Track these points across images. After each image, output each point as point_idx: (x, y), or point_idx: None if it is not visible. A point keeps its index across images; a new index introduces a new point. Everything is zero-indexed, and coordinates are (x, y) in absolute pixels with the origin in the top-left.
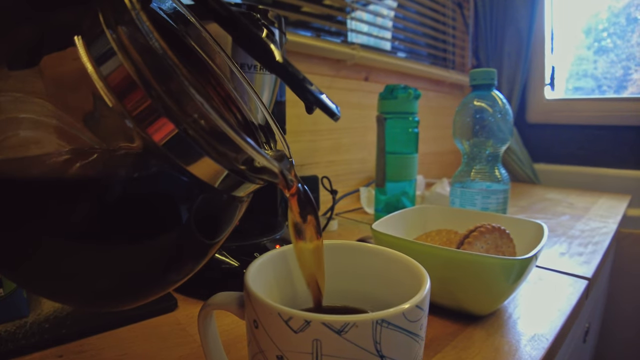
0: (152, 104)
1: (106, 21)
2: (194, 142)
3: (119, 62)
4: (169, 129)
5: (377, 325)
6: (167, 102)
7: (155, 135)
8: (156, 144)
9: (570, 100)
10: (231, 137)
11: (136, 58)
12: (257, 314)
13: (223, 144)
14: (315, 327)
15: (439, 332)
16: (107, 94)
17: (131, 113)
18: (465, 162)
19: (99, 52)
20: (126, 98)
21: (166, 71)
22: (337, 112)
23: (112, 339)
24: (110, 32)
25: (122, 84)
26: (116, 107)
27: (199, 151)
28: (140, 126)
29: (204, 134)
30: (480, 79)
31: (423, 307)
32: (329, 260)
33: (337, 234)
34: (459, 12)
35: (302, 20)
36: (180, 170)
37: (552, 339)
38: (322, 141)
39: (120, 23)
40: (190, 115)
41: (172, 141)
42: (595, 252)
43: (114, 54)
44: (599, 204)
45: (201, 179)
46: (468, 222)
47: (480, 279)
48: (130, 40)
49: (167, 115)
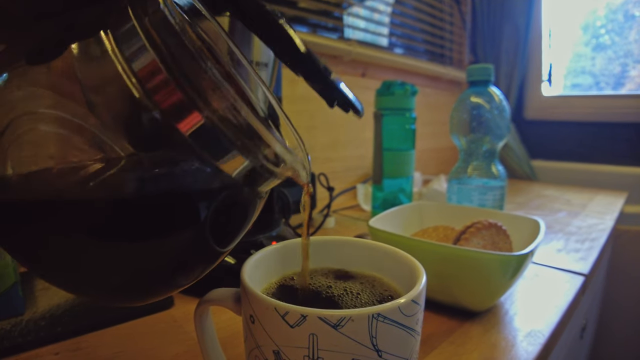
0: (183, 97)
1: (135, 15)
2: (223, 135)
3: (151, 57)
4: (197, 120)
5: (373, 320)
6: (197, 95)
7: (183, 127)
8: (185, 137)
9: (567, 97)
10: (261, 133)
11: (167, 53)
12: (254, 309)
13: (253, 139)
14: (312, 321)
15: (436, 328)
16: (136, 86)
17: (161, 105)
18: (462, 158)
19: (130, 48)
20: (157, 93)
21: (199, 66)
22: (361, 109)
23: (108, 337)
24: (140, 26)
25: (153, 79)
26: (144, 99)
27: (228, 146)
28: (170, 119)
29: (233, 128)
30: (477, 75)
31: (419, 301)
32: (326, 254)
33: (335, 231)
34: (457, 8)
35: (298, 16)
36: (209, 164)
37: (549, 335)
38: (319, 137)
39: (150, 17)
40: (220, 109)
41: (200, 133)
42: (592, 248)
43: (145, 49)
44: (596, 200)
45: (228, 173)
46: (465, 218)
47: (477, 274)
48: (161, 34)
49: (197, 108)
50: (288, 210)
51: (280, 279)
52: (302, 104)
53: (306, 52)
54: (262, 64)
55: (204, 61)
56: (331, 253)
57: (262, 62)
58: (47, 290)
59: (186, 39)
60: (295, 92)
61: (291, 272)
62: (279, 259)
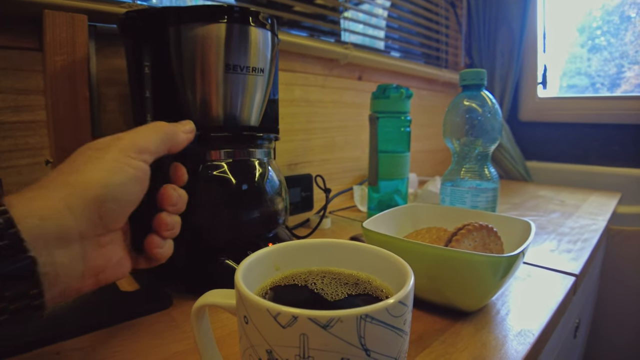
0: None
1: None
2: None
3: None
4: None
5: (362, 320)
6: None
7: None
8: None
9: (562, 98)
10: None
11: None
12: (247, 310)
13: None
14: (302, 322)
15: (428, 328)
16: None
17: None
18: (455, 161)
19: None
20: None
21: None
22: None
23: (108, 337)
24: None
25: None
26: None
27: None
28: None
29: None
30: (470, 79)
31: (406, 302)
32: (321, 256)
33: (331, 231)
34: (452, 11)
35: (295, 19)
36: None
37: (538, 334)
38: (315, 140)
39: None
40: None
41: None
42: (583, 249)
43: None
44: (589, 201)
45: None
46: (457, 220)
47: (468, 276)
48: None
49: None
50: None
51: (275, 280)
52: (299, 106)
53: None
54: (258, 69)
55: None
56: (324, 254)
57: (258, 67)
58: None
59: None
60: (292, 95)
61: (286, 273)
62: (274, 260)
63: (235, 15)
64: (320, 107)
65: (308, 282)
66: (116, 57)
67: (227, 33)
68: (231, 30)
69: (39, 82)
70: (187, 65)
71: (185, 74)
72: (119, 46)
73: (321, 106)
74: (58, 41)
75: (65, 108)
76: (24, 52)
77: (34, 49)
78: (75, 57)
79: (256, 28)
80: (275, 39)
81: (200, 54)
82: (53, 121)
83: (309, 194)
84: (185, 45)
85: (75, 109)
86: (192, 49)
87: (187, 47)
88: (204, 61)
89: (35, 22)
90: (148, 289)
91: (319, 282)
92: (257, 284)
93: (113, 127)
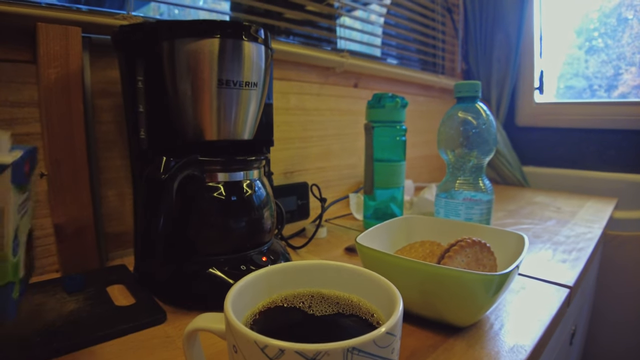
0: None
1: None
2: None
3: None
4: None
5: (348, 353)
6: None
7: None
8: None
9: (558, 104)
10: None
11: None
12: (236, 340)
13: None
14: (289, 355)
15: (421, 344)
16: None
17: None
18: (449, 172)
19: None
20: None
21: None
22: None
23: (103, 352)
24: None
25: None
26: None
27: None
28: None
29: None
30: (465, 91)
31: (394, 332)
32: (313, 278)
33: (327, 241)
34: (449, 17)
35: (291, 28)
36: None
37: (531, 350)
38: (311, 148)
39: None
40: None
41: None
42: (578, 259)
43: None
44: (585, 207)
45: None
46: (452, 232)
47: (460, 293)
48: None
49: None
50: (281, 220)
51: (266, 303)
52: (295, 115)
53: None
54: (252, 83)
55: None
56: (316, 276)
57: (252, 81)
58: (43, 306)
59: None
60: (288, 104)
61: (276, 296)
62: (264, 283)
63: (228, 30)
64: (317, 115)
65: (298, 305)
66: (111, 68)
67: (221, 48)
68: (224, 45)
69: (33, 94)
70: (180, 80)
71: (179, 89)
72: (114, 57)
73: (317, 114)
74: (52, 54)
75: (60, 120)
76: (18, 65)
77: (28, 61)
78: (69, 70)
79: (249, 42)
80: (269, 52)
81: (193, 69)
82: (47, 134)
83: (305, 202)
84: (179, 60)
85: (70, 121)
86: (186, 63)
87: (181, 62)
88: (197, 76)
89: (29, 34)
90: (142, 303)
91: (310, 304)
92: (248, 307)
93: (108, 139)
